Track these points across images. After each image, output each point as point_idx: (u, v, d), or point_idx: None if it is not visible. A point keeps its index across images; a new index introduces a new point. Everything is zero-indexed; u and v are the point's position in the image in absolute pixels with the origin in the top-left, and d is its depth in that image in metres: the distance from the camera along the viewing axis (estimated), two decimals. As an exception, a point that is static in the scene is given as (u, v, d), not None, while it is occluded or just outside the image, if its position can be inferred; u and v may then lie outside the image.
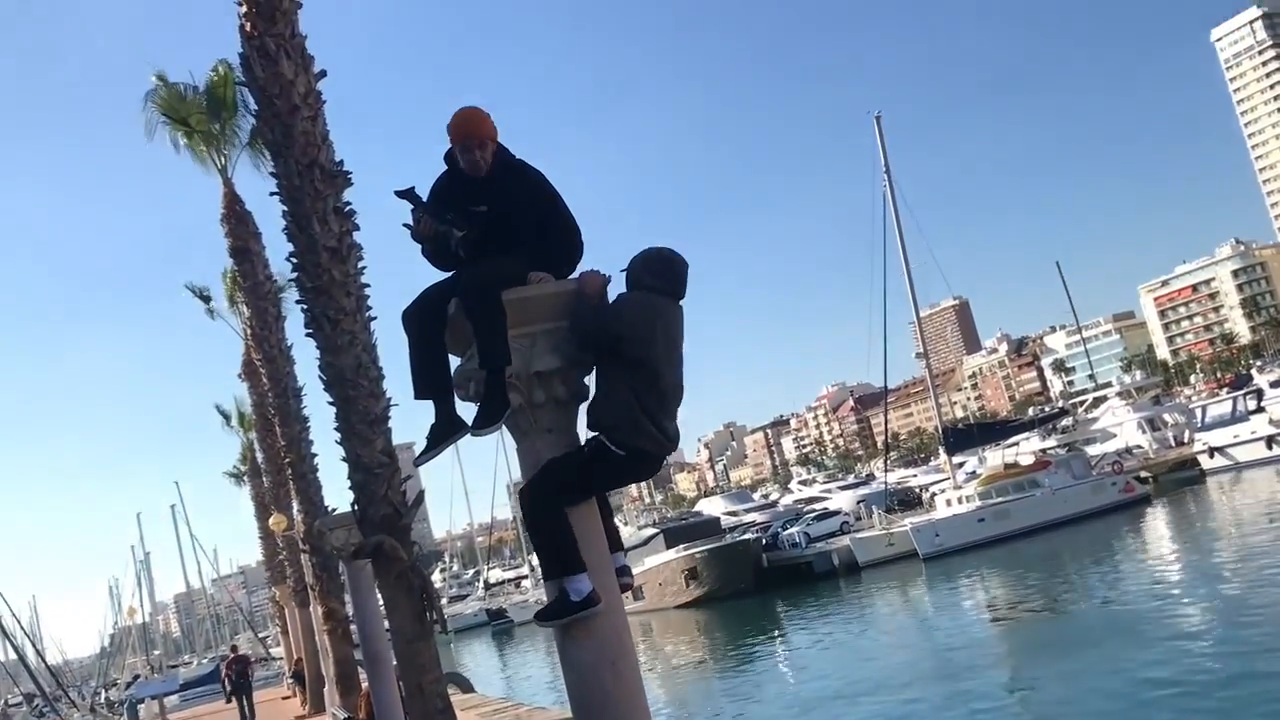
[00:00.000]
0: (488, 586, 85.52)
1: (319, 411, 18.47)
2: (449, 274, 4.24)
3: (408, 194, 4.16)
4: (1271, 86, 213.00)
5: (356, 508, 9.21)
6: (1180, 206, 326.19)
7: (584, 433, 4.07)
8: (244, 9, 9.26)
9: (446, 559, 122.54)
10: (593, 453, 3.93)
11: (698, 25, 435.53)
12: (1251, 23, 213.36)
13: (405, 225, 4.18)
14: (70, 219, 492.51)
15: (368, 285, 9.43)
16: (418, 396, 4.18)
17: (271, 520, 24.44)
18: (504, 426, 4.08)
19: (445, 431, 4.14)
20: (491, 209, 4.14)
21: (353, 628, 16.33)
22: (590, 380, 4.12)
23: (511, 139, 4.31)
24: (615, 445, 3.88)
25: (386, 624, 9.74)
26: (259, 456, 30.62)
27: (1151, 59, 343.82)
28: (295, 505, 19.79)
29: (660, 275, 4.09)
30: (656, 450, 3.99)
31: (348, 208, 9.27)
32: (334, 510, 15.39)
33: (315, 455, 18.90)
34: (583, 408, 4.11)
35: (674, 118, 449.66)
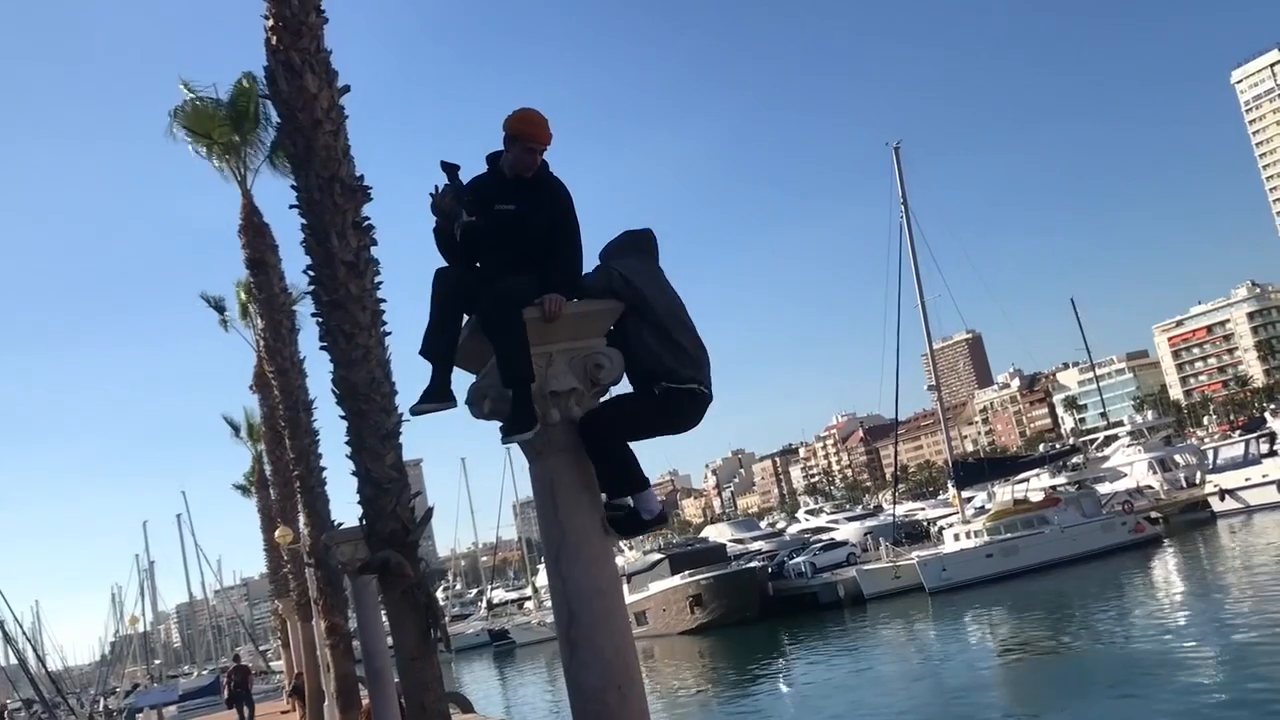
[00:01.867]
0: (490, 607, 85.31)
1: (329, 425, 18.48)
2: (462, 263, 4.40)
3: (449, 167, 4.42)
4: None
5: (364, 522, 9.18)
6: (1197, 247, 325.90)
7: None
8: (270, 23, 9.32)
9: (450, 578, 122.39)
10: (661, 395, 4.15)
11: (719, 53, 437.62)
12: (1272, 65, 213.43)
13: (430, 193, 4.40)
14: (86, 222, 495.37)
15: (383, 300, 9.44)
16: (421, 353, 4.32)
17: (277, 533, 24.40)
18: (518, 445, 4.10)
19: (440, 395, 4.28)
20: (518, 209, 4.26)
21: (355, 643, 16.28)
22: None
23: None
24: (682, 383, 4.14)
25: (389, 640, 9.70)
26: (267, 469, 30.62)
27: (1172, 97, 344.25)
28: (302, 518, 19.75)
29: (632, 249, 4.43)
30: (708, 390, 4.26)
31: (366, 223, 9.30)
32: (341, 524, 15.38)
33: (324, 469, 18.88)
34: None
35: (690, 146, 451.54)
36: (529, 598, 78.22)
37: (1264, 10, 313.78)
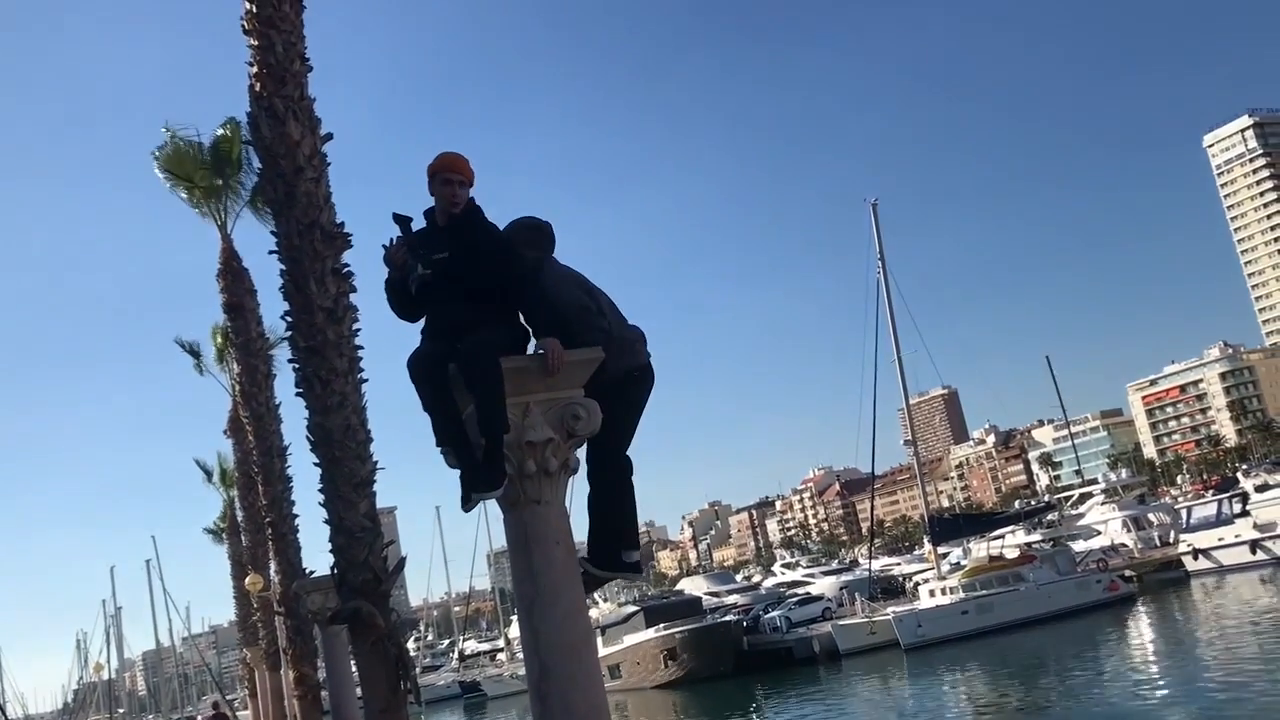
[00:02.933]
0: (463, 658, 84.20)
1: (302, 471, 18.40)
2: (419, 320, 4.42)
3: (401, 220, 4.47)
4: (1261, 194, 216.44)
5: (336, 571, 9.09)
6: (1170, 306, 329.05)
7: None
8: (254, 70, 9.38)
9: (422, 628, 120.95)
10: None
11: (696, 110, 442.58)
12: (1243, 131, 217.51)
13: (383, 245, 4.41)
14: (54, 264, 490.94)
15: (361, 347, 9.43)
16: (439, 445, 4.27)
17: (248, 580, 24.14)
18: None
19: (489, 481, 4.07)
20: (451, 255, 4.27)
21: (324, 694, 16.04)
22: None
23: (511, 211, 4.44)
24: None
25: (359, 692, 9.56)
26: (239, 514, 30.33)
27: (1145, 161, 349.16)
28: (273, 566, 19.56)
29: (534, 244, 4.58)
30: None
31: (346, 269, 9.32)
32: (312, 573, 15.22)
33: (296, 516, 18.73)
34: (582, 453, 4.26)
35: (667, 203, 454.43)
36: (502, 649, 77.27)
37: (1233, 76, 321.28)
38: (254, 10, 9.52)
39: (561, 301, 4.31)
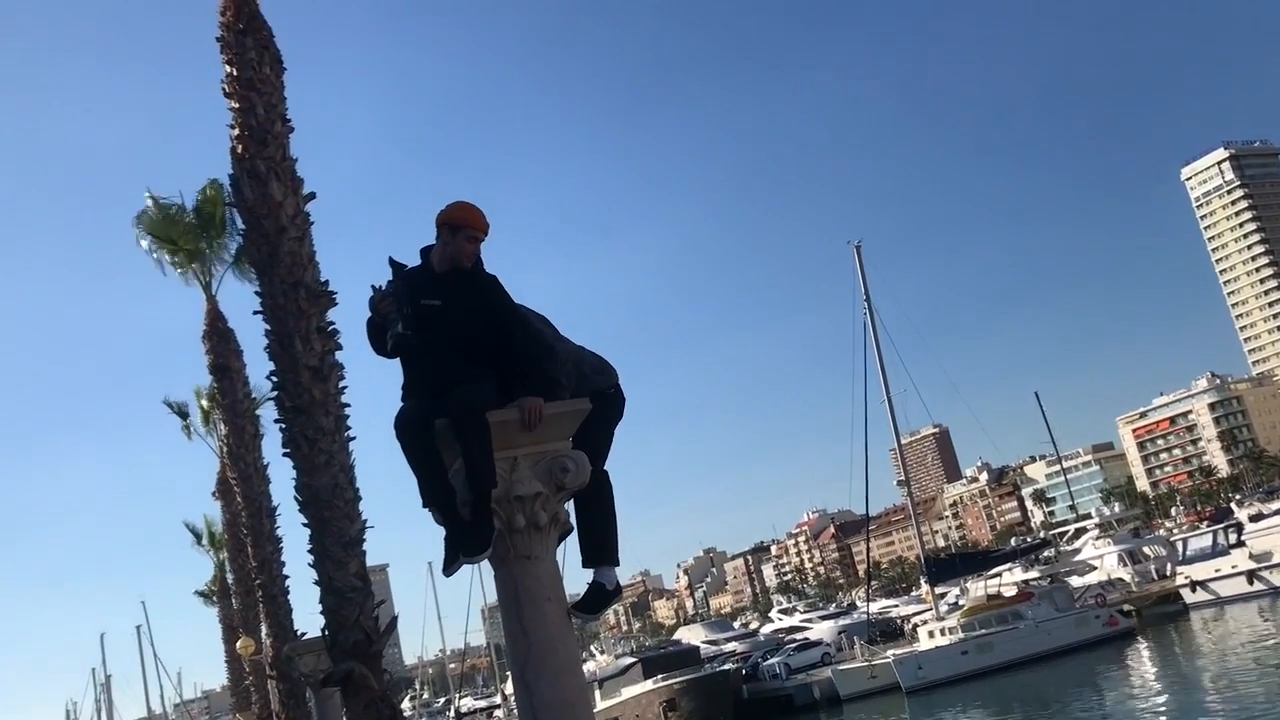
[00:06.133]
0: (458, 716, 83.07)
1: (292, 532, 18.22)
2: (403, 381, 4.33)
3: (397, 267, 4.40)
4: (1241, 225, 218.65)
5: (327, 632, 8.99)
6: (1157, 338, 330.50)
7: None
8: (236, 132, 9.42)
9: (417, 686, 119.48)
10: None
11: (679, 157, 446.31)
12: (1220, 163, 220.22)
13: (373, 286, 4.30)
14: (40, 327, 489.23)
15: (348, 405, 9.39)
16: (425, 506, 4.19)
17: (239, 644, 23.86)
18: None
19: (475, 544, 4.02)
20: (444, 305, 4.20)
21: (318, 759, 15.76)
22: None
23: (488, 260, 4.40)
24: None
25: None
26: (229, 577, 30.04)
27: (1126, 195, 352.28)
28: (264, 628, 19.34)
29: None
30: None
31: (331, 327, 9.29)
32: (304, 634, 15.04)
33: (287, 577, 18.56)
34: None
35: (654, 251, 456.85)
36: (498, 706, 76.30)
37: (1210, 109, 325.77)
38: (234, 73, 9.58)
39: (563, 351, 4.37)
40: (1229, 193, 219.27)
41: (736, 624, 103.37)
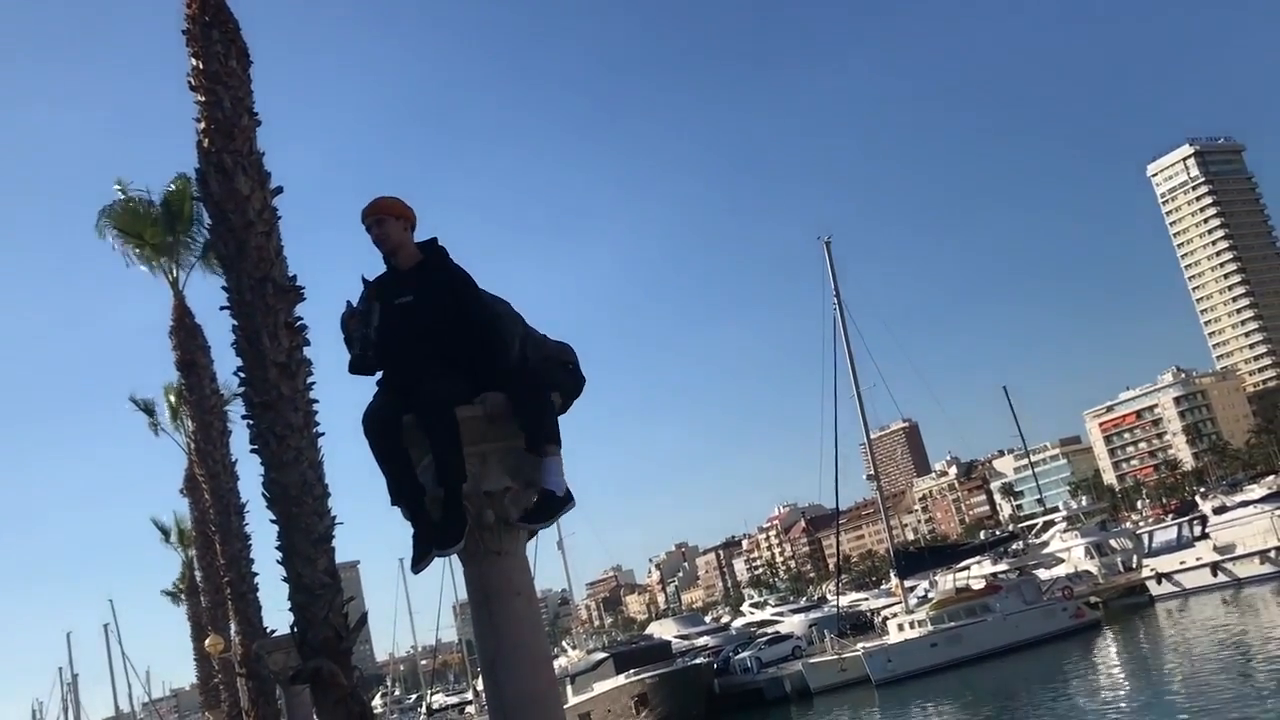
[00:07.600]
0: (430, 712, 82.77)
1: (261, 529, 18.09)
2: (378, 378, 4.31)
3: (366, 285, 4.40)
4: (1205, 220, 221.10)
5: (296, 630, 8.94)
6: (1123, 333, 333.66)
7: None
8: (202, 125, 9.33)
9: (388, 683, 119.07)
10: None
11: (648, 153, 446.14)
12: (1185, 159, 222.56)
13: (347, 301, 4.32)
14: (2, 323, 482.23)
15: (316, 401, 9.33)
16: (394, 504, 4.16)
17: (208, 641, 23.67)
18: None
19: (445, 538, 4.00)
20: (415, 300, 4.22)
21: (288, 756, 15.68)
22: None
23: (463, 255, 4.38)
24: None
25: (323, 753, 9.36)
26: (198, 574, 29.80)
27: (1094, 189, 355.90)
28: (233, 626, 19.21)
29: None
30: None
31: (299, 323, 9.23)
32: (273, 632, 14.97)
33: (256, 574, 18.44)
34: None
35: (623, 246, 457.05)
36: (470, 702, 76.16)
37: (1174, 106, 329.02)
38: (200, 67, 9.49)
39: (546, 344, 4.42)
40: (1194, 189, 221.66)
41: (708, 618, 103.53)
